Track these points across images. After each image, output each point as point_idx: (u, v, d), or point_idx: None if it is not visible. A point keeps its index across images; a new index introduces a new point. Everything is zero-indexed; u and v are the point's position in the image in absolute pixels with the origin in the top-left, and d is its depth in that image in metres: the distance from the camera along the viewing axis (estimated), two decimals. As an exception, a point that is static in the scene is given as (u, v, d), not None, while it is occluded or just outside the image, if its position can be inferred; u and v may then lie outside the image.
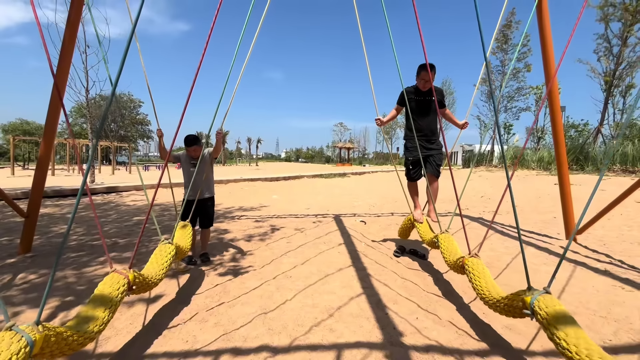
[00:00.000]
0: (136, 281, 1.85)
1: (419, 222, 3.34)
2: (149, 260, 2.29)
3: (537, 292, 1.58)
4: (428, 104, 3.35)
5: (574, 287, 2.69)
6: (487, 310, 2.34)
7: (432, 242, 2.95)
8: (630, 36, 14.47)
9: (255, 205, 6.98)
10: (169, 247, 2.42)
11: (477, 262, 2.19)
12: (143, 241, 4.00)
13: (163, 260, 2.28)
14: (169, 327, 2.09)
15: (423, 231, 3.22)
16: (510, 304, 1.70)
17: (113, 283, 1.71)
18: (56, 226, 4.78)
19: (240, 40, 2.45)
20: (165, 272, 2.22)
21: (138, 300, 2.44)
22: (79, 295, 2.51)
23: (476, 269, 2.11)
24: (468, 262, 2.21)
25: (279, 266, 3.18)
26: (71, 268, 3.05)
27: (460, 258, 2.31)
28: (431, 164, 3.35)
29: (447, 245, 2.64)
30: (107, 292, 1.65)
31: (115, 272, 1.79)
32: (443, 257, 2.63)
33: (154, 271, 2.13)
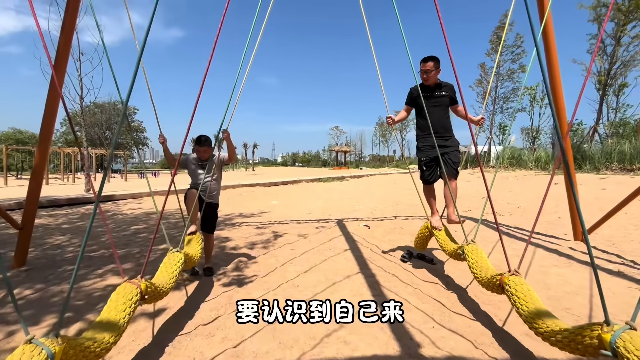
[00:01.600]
0: (148, 290, 1.81)
1: (438, 229, 3.09)
2: (159, 269, 2.26)
3: (618, 327, 1.26)
4: (437, 99, 3.23)
5: (589, 289, 2.63)
6: (503, 316, 2.26)
7: (456, 253, 2.62)
8: (623, 35, 14.66)
9: (255, 212, 6.87)
10: (178, 256, 2.37)
11: (520, 281, 1.84)
12: (143, 251, 3.89)
13: (172, 269, 2.24)
14: (174, 343, 1.98)
15: (443, 240, 2.92)
16: (579, 341, 1.35)
17: (126, 293, 1.68)
18: (51, 237, 4.64)
19: (246, 48, 2.38)
20: (174, 281, 2.18)
21: (141, 315, 2.33)
22: (77, 310, 2.39)
23: (520, 290, 1.77)
24: (508, 281, 1.86)
25: (284, 274, 3.09)
26: (68, 282, 2.92)
27: (498, 276, 1.97)
28: (447, 164, 3.12)
29: (475, 258, 2.33)
30: (121, 301, 1.63)
31: (128, 282, 1.76)
32: (472, 272, 2.31)
33: (164, 280, 2.09)
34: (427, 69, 3.15)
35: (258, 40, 2.61)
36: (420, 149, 3.35)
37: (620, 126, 18.74)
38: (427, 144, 3.23)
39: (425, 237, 3.29)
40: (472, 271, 2.32)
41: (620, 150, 11.29)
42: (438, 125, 3.16)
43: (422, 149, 3.31)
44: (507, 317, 2.24)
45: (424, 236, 3.29)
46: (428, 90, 3.24)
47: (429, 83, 3.24)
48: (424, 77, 3.22)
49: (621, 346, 1.17)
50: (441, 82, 3.27)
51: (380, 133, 57.47)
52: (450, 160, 3.15)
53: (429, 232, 3.23)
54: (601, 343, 1.27)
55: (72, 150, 20.20)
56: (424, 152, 3.28)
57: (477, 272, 2.23)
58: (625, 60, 14.87)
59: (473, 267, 2.31)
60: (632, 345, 1.14)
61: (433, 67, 3.14)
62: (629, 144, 11.19)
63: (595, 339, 1.30)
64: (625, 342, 1.17)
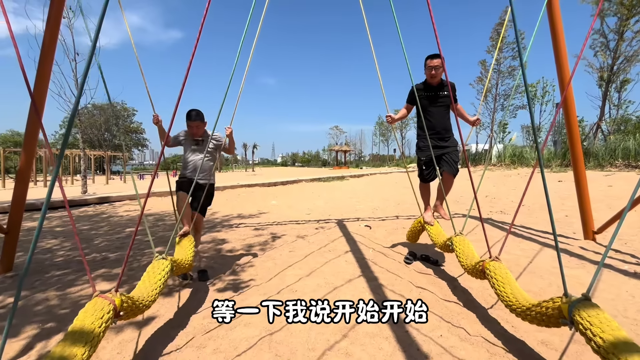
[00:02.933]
0: (124, 306, 1.60)
1: (430, 224, 3.15)
2: (141, 279, 2.05)
3: (575, 298, 1.39)
4: (440, 99, 3.14)
5: (607, 292, 2.47)
6: (515, 323, 2.11)
7: (445, 245, 2.75)
8: (626, 30, 14.46)
9: (253, 212, 6.72)
10: (163, 264, 2.17)
11: (499, 265, 2.01)
12: (135, 255, 3.74)
13: (156, 279, 2.03)
14: (163, 355, 1.84)
15: (434, 234, 3.01)
16: (544, 312, 1.52)
17: (96, 310, 1.45)
18: (42, 241, 4.49)
19: (240, 47, 2.23)
20: (158, 292, 1.97)
21: (128, 324, 2.18)
22: (61, 320, 2.24)
23: (499, 274, 1.94)
24: (489, 266, 2.03)
25: (283, 279, 2.93)
26: (55, 288, 2.77)
27: (480, 262, 2.13)
28: (447, 162, 3.11)
29: (462, 248, 2.45)
30: (89, 321, 1.39)
31: (99, 297, 1.53)
32: (459, 261, 2.44)
33: (146, 292, 1.88)
34: (435, 65, 3.04)
35: (255, 39, 2.47)
36: (420, 149, 3.29)
37: (622, 123, 18.54)
38: (427, 144, 3.12)
39: (417, 231, 3.41)
40: (459, 260, 2.44)
41: (625, 147, 11.12)
42: (439, 125, 3.13)
43: (423, 148, 3.23)
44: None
45: (416, 230, 3.41)
46: (432, 89, 3.16)
47: (434, 82, 3.14)
48: (432, 74, 3.11)
49: (576, 315, 1.32)
50: (443, 81, 3.19)
51: (380, 132, 57.29)
52: (451, 159, 3.11)
53: (421, 227, 3.32)
54: (561, 313, 1.42)
55: (70, 152, 20.06)
56: (424, 151, 3.20)
57: (463, 260, 2.37)
58: (628, 55, 14.68)
59: (459, 256, 2.44)
60: (585, 314, 1.29)
61: (440, 64, 3.03)
62: (634, 141, 11.02)
63: (556, 310, 1.44)
64: (580, 311, 1.31)
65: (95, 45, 1.33)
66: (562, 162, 13.40)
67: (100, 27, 1.34)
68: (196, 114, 3.02)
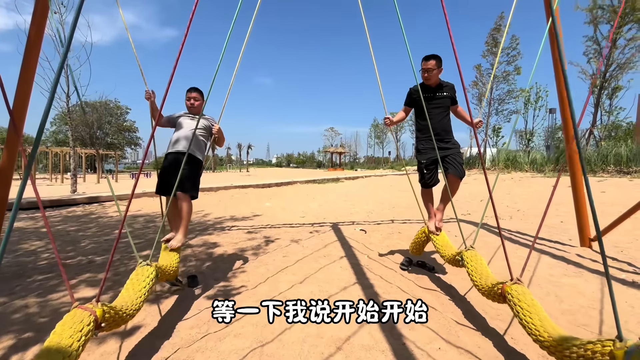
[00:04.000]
0: (106, 317, 1.50)
1: (435, 234, 3.00)
2: (124, 287, 1.94)
3: (632, 343, 1.18)
4: (438, 100, 3.07)
5: (605, 303, 2.43)
6: (515, 335, 2.05)
7: (454, 259, 2.51)
8: (619, 38, 14.69)
9: (247, 215, 6.61)
10: (148, 270, 2.07)
11: (524, 291, 1.75)
12: (122, 259, 3.61)
13: (140, 287, 1.93)
14: (146, 370, 1.73)
15: (441, 245, 2.81)
16: (590, 357, 1.27)
17: (75, 323, 1.35)
18: (27, 243, 4.33)
19: (226, 42, 2.14)
20: (143, 301, 1.88)
21: (111, 334, 2.07)
22: (39, 329, 2.12)
23: (524, 301, 1.67)
24: (511, 290, 1.77)
25: (275, 285, 2.84)
26: (35, 294, 2.64)
27: (499, 284, 1.88)
28: (451, 164, 2.94)
29: (475, 265, 2.22)
30: (67, 335, 1.29)
31: (79, 308, 1.43)
32: (472, 281, 2.19)
33: (130, 301, 1.78)
34: (429, 67, 2.99)
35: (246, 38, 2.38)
36: (420, 152, 3.18)
37: (612, 129, 18.84)
38: (427, 147, 3.08)
39: (422, 242, 3.18)
40: (472, 279, 2.20)
41: (617, 153, 11.26)
42: (439, 127, 3.02)
43: (423, 151, 3.13)
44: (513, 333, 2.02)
45: (421, 241, 3.18)
46: (429, 90, 3.10)
47: (431, 83, 3.09)
48: (425, 77, 3.07)
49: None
50: (442, 82, 3.12)
51: (375, 134, 57.46)
52: (455, 160, 2.96)
53: (426, 237, 3.10)
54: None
55: (61, 150, 19.68)
56: (424, 154, 3.11)
57: (477, 280, 2.12)
58: (621, 62, 14.91)
59: (473, 275, 2.20)
60: None
61: (435, 66, 2.98)
62: (625, 147, 11.16)
63: (607, 355, 1.21)
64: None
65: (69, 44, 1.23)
66: (555, 166, 13.52)
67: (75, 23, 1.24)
68: (196, 88, 3.09)
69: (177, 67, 1.88)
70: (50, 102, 1.20)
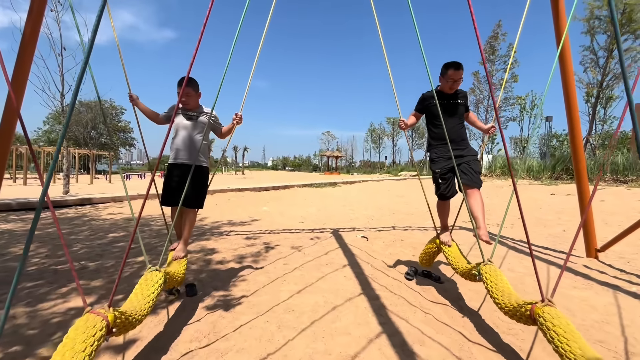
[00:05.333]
0: (117, 322, 1.47)
1: (448, 245, 2.84)
2: (133, 291, 1.88)
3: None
4: (454, 107, 2.93)
5: (619, 317, 2.36)
6: (528, 349, 1.96)
7: (469, 273, 2.31)
8: (615, 48, 14.91)
9: (245, 219, 6.48)
10: (157, 276, 2.01)
11: (557, 314, 1.56)
12: (116, 265, 3.46)
13: (149, 292, 1.87)
14: (143, 389, 1.61)
15: (454, 257, 2.65)
16: None
17: (88, 327, 1.33)
18: (16, 246, 4.16)
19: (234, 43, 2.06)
20: (151, 306, 1.82)
21: (106, 348, 1.94)
22: (28, 342, 1.98)
23: (559, 325, 1.49)
24: (543, 313, 1.58)
25: (277, 295, 2.73)
26: (24, 304, 2.49)
27: (527, 305, 1.69)
28: (467, 173, 2.75)
29: (495, 281, 2.03)
30: (81, 339, 1.27)
31: (91, 313, 1.41)
32: (492, 298, 1.99)
33: (138, 306, 1.72)
34: (459, 78, 2.82)
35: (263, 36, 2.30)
36: (434, 161, 2.99)
37: (606, 138, 19.06)
38: (442, 155, 2.91)
39: (433, 254, 3.01)
40: (493, 296, 2.02)
41: (614, 162, 11.36)
42: (454, 134, 2.86)
43: (437, 160, 2.95)
44: (530, 350, 1.94)
45: (431, 252, 3.01)
46: (445, 97, 2.94)
47: (450, 91, 2.94)
48: (452, 87, 2.88)
49: None
50: (457, 90, 2.98)
51: (371, 139, 57.62)
52: (471, 169, 2.77)
53: (437, 248, 2.95)
54: None
55: (53, 150, 19.34)
56: (439, 163, 2.93)
57: (499, 298, 1.94)
58: (617, 72, 15.13)
59: (493, 292, 2.02)
60: None
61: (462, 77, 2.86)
62: (622, 156, 11.26)
63: None
64: None
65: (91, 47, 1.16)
66: (551, 174, 13.60)
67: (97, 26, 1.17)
68: (189, 81, 2.64)
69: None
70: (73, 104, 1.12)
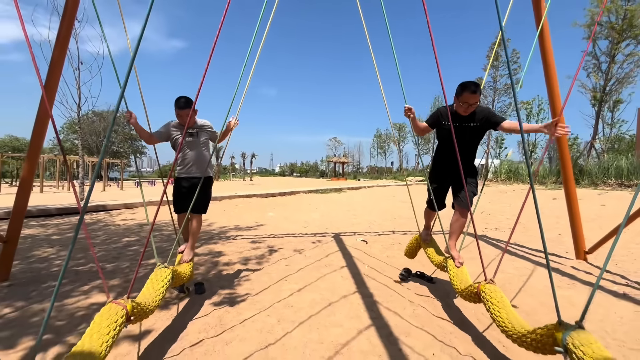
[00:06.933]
0: (134, 311, 1.73)
1: (426, 242, 3.18)
2: (145, 286, 2.16)
3: (569, 327, 1.44)
4: (467, 130, 2.71)
5: (595, 314, 2.52)
6: (507, 343, 2.15)
7: (440, 265, 2.83)
8: (617, 53, 14.95)
9: (251, 224, 6.75)
10: (165, 272, 2.28)
11: (495, 289, 2.01)
12: (131, 266, 3.75)
13: (159, 286, 2.15)
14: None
15: (430, 252, 3.07)
16: (539, 340, 1.55)
17: (111, 314, 1.59)
18: (39, 250, 4.49)
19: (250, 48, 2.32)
20: (161, 299, 2.09)
21: (124, 337, 2.20)
22: (57, 332, 2.25)
23: (494, 297, 1.94)
24: (485, 289, 2.03)
25: (278, 293, 2.96)
26: (51, 300, 2.78)
27: (475, 285, 2.13)
28: (461, 197, 2.74)
29: (456, 271, 2.52)
30: (105, 324, 1.53)
31: (113, 303, 1.68)
32: (452, 284, 2.49)
33: (150, 298, 2.00)
34: (474, 102, 2.56)
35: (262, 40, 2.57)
36: (432, 176, 3.03)
37: (615, 141, 18.92)
38: (442, 173, 2.95)
39: (415, 248, 3.40)
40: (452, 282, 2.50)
41: (618, 166, 11.34)
42: (463, 158, 2.65)
43: (435, 177, 3.00)
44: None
45: (413, 247, 3.40)
46: (458, 119, 2.69)
47: (467, 113, 2.66)
48: (464, 110, 2.62)
49: (570, 343, 1.36)
50: (476, 110, 2.66)
51: (378, 145, 57.74)
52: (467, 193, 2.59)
53: (418, 244, 3.33)
54: (555, 341, 1.46)
55: (69, 159, 20.05)
56: (437, 180, 2.98)
57: (456, 284, 2.43)
58: (620, 77, 15.14)
59: (453, 279, 2.50)
60: (579, 342, 1.33)
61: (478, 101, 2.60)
62: (626, 160, 11.24)
63: (550, 337, 1.48)
64: (573, 339, 1.35)
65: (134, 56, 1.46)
66: (557, 179, 13.58)
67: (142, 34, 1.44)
68: (185, 101, 2.79)
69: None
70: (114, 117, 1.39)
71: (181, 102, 2.81)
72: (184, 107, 2.82)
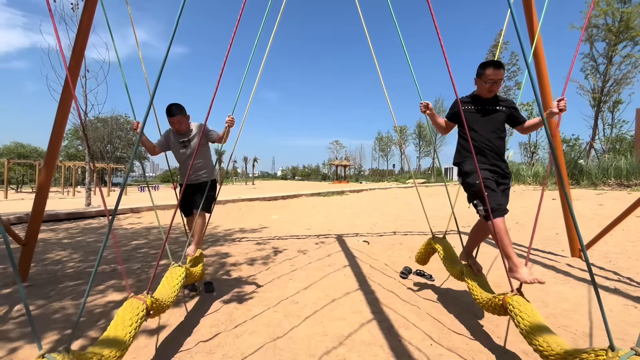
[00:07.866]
0: (153, 306, 1.88)
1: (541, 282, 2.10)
2: (161, 283, 2.33)
3: (624, 353, 1.22)
4: (492, 114, 2.42)
5: (586, 307, 2.65)
6: (500, 334, 2.28)
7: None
8: (615, 55, 15.09)
9: (255, 227, 6.90)
10: (179, 270, 2.46)
11: (523, 302, 1.79)
12: (142, 267, 3.91)
13: (174, 283, 2.32)
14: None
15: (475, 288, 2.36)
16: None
17: (133, 308, 1.74)
18: (52, 252, 4.66)
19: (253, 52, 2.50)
20: (176, 295, 2.24)
21: (141, 332, 2.34)
22: (79, 327, 2.41)
23: (524, 312, 1.71)
24: (512, 302, 1.78)
25: (284, 291, 3.11)
26: (70, 298, 2.94)
27: (499, 296, 1.90)
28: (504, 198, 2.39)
29: (475, 279, 2.40)
30: (128, 317, 1.69)
31: (134, 298, 1.83)
32: (472, 294, 2.29)
33: (166, 294, 2.16)
34: (500, 79, 2.34)
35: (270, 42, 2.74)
36: (469, 173, 2.37)
37: (616, 141, 19.00)
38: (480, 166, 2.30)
39: (428, 254, 3.21)
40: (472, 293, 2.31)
41: (617, 166, 11.43)
42: (491, 146, 2.39)
43: (474, 172, 2.28)
44: (506, 335, 2.26)
45: (426, 252, 3.20)
46: (480, 102, 2.46)
47: (489, 96, 2.44)
48: (490, 89, 2.37)
49: None
50: (498, 96, 2.49)
51: (379, 147, 57.90)
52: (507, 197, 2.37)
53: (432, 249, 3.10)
54: None
55: (73, 164, 20.33)
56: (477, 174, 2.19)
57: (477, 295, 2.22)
58: (617, 78, 15.29)
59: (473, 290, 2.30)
60: None
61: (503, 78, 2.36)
62: (625, 160, 11.34)
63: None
64: None
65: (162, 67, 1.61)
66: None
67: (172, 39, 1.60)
68: (176, 108, 2.83)
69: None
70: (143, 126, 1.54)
71: (172, 110, 2.85)
72: (175, 114, 2.87)
